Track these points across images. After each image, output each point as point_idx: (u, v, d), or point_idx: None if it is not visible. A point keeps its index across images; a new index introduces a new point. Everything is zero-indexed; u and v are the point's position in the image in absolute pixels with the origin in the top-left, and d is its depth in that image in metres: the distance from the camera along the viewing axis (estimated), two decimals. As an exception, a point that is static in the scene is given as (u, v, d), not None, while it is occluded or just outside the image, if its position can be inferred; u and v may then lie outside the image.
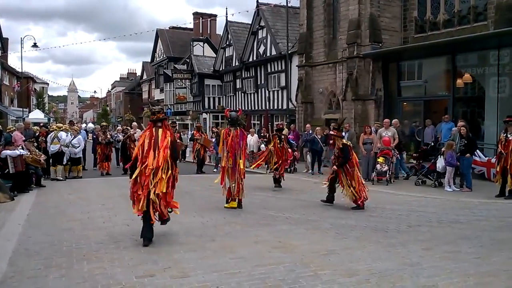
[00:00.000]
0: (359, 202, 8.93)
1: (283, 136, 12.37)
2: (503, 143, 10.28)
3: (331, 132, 10.08)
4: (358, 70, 17.73)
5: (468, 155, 11.41)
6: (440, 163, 11.85)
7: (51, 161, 13.76)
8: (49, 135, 13.97)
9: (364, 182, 9.27)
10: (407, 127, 17.36)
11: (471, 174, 11.79)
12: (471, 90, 15.94)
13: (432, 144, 13.65)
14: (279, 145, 12.05)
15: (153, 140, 6.21)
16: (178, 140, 13.36)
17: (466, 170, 11.57)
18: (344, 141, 9.48)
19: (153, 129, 6.34)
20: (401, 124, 15.38)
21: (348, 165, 9.10)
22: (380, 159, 12.88)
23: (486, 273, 5.04)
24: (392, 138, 13.32)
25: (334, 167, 9.29)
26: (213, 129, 23.60)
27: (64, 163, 14.06)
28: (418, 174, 12.87)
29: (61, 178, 13.80)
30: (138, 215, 6.26)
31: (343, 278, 4.82)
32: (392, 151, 13.05)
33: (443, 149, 12.03)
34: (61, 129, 14.18)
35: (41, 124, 17.33)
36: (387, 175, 12.71)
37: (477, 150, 12.52)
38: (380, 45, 17.50)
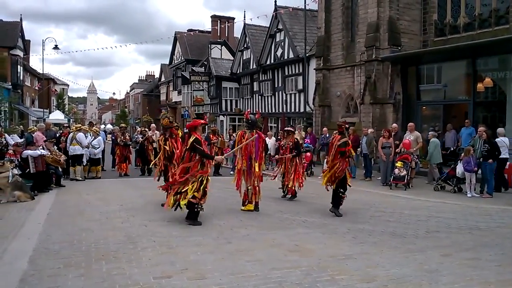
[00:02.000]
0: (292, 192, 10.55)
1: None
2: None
3: (289, 128, 11.45)
4: (377, 74, 17.59)
5: (490, 160, 11.21)
6: (460, 168, 11.68)
7: (70, 161, 13.97)
8: (69, 136, 14.18)
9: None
10: (426, 132, 17.15)
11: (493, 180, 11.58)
12: (492, 94, 15.67)
13: (452, 149, 13.45)
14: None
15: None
16: None
17: (489, 176, 11.37)
18: (298, 137, 10.80)
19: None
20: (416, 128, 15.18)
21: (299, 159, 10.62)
22: (399, 164, 12.75)
23: (508, 281, 4.95)
24: (415, 142, 13.17)
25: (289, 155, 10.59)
26: (229, 132, 23.62)
27: (84, 163, 14.26)
28: (437, 179, 12.71)
29: (80, 179, 13.99)
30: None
31: (361, 284, 4.78)
32: (411, 155, 12.90)
33: (462, 154, 11.86)
34: (79, 129, 14.39)
35: (66, 125, 17.61)
36: (406, 180, 12.56)
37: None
38: (399, 48, 17.34)
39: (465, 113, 15.61)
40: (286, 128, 11.82)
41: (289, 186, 10.60)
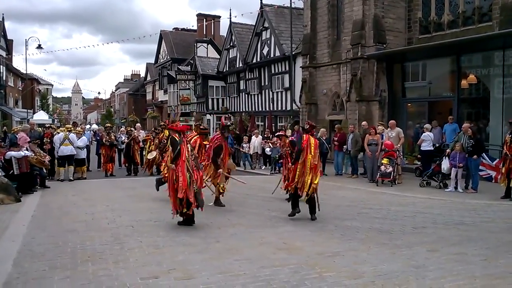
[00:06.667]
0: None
1: None
2: (508, 144, 10.23)
3: (281, 133, 10.07)
4: (362, 71, 17.68)
5: (475, 156, 11.34)
6: (445, 164, 11.80)
7: (60, 162, 13.82)
8: (58, 136, 13.97)
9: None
10: (412, 128, 17.32)
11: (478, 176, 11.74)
12: (476, 91, 15.86)
13: (437, 145, 13.60)
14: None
15: None
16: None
17: (474, 171, 11.51)
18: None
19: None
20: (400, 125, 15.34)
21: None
22: (384, 161, 12.83)
23: (493, 275, 5.00)
24: (397, 138, 13.28)
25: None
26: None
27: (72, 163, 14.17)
28: (423, 175, 12.82)
29: (72, 178, 13.85)
30: None
31: (349, 280, 4.79)
32: (397, 152, 12.99)
33: (448, 150, 11.99)
34: (70, 130, 14.31)
35: (47, 125, 17.38)
36: (392, 177, 12.65)
37: (484, 154, 12.45)
38: (385, 46, 17.45)
39: (450, 110, 15.78)
40: (277, 134, 10.77)
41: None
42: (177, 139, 7.39)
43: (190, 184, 7.11)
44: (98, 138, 17.86)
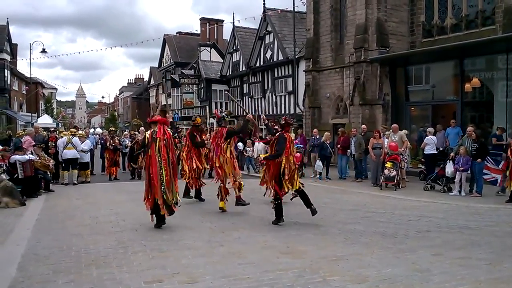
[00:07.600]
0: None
1: None
2: (511, 148, 10.22)
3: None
4: (366, 75, 17.68)
5: (479, 160, 11.31)
6: (449, 168, 11.77)
7: (64, 165, 13.86)
8: (61, 140, 14.02)
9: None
10: (416, 132, 17.28)
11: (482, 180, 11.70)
12: (480, 94, 15.84)
13: (441, 149, 13.57)
14: None
15: None
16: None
17: (478, 175, 11.48)
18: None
19: None
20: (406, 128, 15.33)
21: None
22: (388, 164, 12.80)
23: (498, 279, 4.98)
24: (401, 141, 13.26)
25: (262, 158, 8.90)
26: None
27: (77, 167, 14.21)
28: (427, 179, 12.79)
29: (76, 182, 13.88)
30: None
31: (353, 284, 4.78)
32: (401, 156, 12.97)
33: (452, 154, 11.95)
34: (74, 134, 14.38)
35: (52, 129, 17.46)
36: (396, 180, 12.62)
37: (489, 157, 12.41)
38: (388, 49, 17.45)
39: (453, 113, 15.75)
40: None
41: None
42: (148, 138, 7.50)
43: (161, 185, 7.31)
44: (102, 142, 17.93)
